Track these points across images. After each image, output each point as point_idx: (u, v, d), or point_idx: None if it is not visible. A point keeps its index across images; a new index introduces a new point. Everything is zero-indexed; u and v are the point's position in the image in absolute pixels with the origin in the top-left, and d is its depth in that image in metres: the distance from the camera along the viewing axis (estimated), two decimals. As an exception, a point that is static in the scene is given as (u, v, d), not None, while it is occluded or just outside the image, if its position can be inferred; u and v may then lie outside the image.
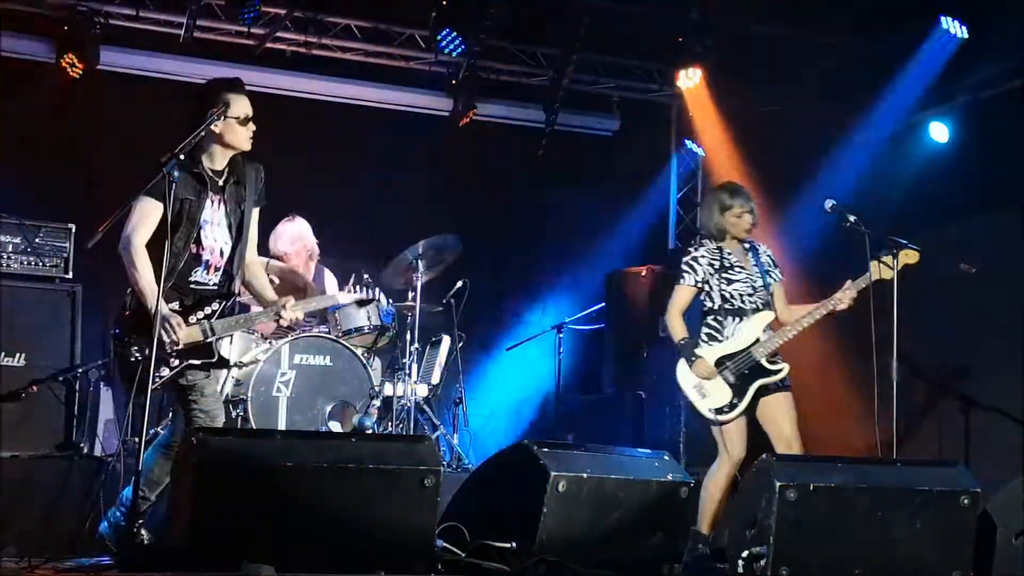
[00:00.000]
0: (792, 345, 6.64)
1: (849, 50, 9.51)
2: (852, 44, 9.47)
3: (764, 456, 5.55)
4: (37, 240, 7.19)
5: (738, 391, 6.49)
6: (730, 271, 6.63)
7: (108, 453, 7.39)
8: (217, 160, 5.70)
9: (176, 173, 5.25)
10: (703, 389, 6.53)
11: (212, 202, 5.67)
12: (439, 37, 9.51)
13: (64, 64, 9.11)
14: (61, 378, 7.00)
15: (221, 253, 5.71)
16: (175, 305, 5.57)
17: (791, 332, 6.58)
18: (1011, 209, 8.50)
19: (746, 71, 10.09)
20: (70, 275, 7.26)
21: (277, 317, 5.74)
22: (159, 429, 7.44)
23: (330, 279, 8.70)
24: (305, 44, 9.75)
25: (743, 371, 6.51)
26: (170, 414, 6.77)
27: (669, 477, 5.64)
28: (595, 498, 5.37)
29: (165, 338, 5.43)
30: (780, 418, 6.54)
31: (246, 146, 5.69)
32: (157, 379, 5.41)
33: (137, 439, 5.33)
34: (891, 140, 9.49)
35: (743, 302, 6.60)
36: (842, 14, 8.97)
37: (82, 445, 7.09)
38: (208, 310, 5.66)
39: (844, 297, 6.56)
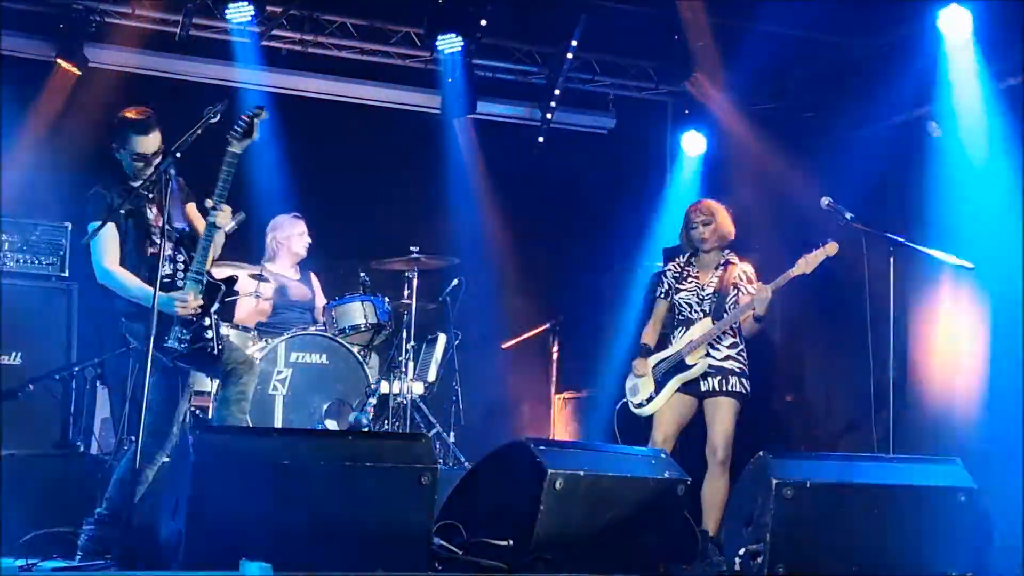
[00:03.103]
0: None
1: (847, 48, 9.51)
2: (851, 42, 9.47)
3: (761, 454, 5.56)
4: (34, 238, 7.18)
5: (658, 387, 6.98)
6: (683, 282, 7.11)
7: (105, 452, 7.38)
8: (136, 180, 5.93)
9: (173, 171, 5.59)
10: (636, 387, 7.09)
11: (147, 208, 5.92)
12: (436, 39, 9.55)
13: (61, 62, 9.11)
14: (58, 376, 6.99)
15: (175, 247, 5.93)
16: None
17: (715, 332, 6.90)
18: (1007, 206, 8.49)
19: (743, 69, 10.10)
20: (66, 273, 7.25)
21: (214, 226, 5.91)
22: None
23: (316, 283, 8.75)
24: (301, 42, 9.74)
25: (667, 369, 6.98)
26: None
27: (665, 475, 5.65)
28: (592, 495, 5.37)
29: (189, 312, 5.76)
30: (712, 421, 6.91)
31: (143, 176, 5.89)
32: (213, 344, 5.84)
33: (133, 437, 5.34)
34: (887, 137, 9.48)
35: (690, 312, 7.04)
36: (841, 12, 8.97)
37: (79, 443, 7.07)
38: (179, 269, 5.89)
39: (759, 298, 6.78)
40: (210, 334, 5.84)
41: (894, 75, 9.05)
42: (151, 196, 5.92)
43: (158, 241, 5.83)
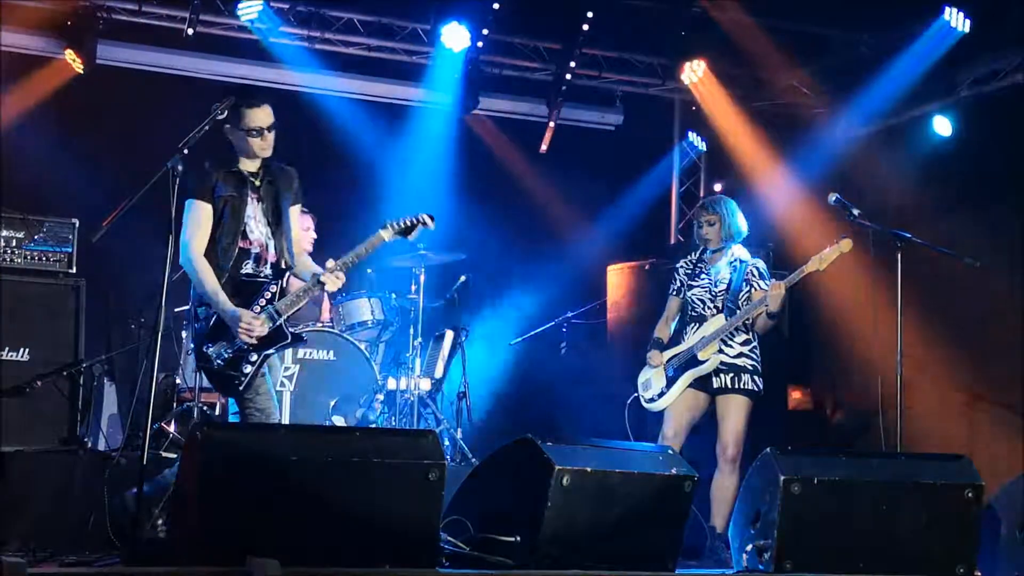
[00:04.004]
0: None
1: (852, 44, 9.51)
2: (855, 38, 9.47)
3: (768, 450, 5.55)
4: (41, 234, 7.18)
5: (670, 382, 7.02)
6: (696, 278, 7.09)
7: (112, 448, 7.39)
8: (248, 164, 5.98)
9: (180, 167, 5.45)
10: (648, 383, 7.15)
11: (251, 199, 5.95)
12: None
13: (68, 59, 9.13)
14: (65, 373, 6.99)
15: (266, 247, 5.97)
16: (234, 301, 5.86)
17: (727, 328, 6.89)
18: (1014, 203, 8.49)
19: (748, 64, 10.09)
20: (74, 270, 7.23)
21: (320, 284, 5.97)
22: (163, 424, 7.48)
23: None
24: (308, 38, 9.75)
25: (679, 365, 6.99)
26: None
27: (672, 471, 5.63)
28: (599, 492, 5.36)
29: (245, 338, 5.74)
30: (724, 419, 6.93)
31: (263, 154, 5.97)
32: (242, 378, 5.76)
33: (142, 434, 5.34)
34: (894, 134, 9.48)
35: (703, 308, 7.03)
36: (845, 7, 8.97)
37: (86, 440, 7.07)
38: (267, 295, 5.90)
39: (772, 295, 6.74)
40: (248, 369, 5.79)
41: (901, 72, 9.05)
42: (258, 185, 5.96)
43: (252, 238, 5.89)
